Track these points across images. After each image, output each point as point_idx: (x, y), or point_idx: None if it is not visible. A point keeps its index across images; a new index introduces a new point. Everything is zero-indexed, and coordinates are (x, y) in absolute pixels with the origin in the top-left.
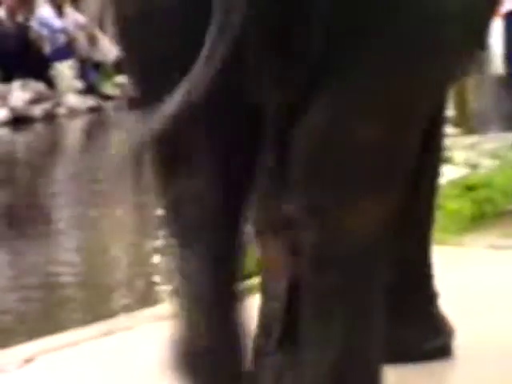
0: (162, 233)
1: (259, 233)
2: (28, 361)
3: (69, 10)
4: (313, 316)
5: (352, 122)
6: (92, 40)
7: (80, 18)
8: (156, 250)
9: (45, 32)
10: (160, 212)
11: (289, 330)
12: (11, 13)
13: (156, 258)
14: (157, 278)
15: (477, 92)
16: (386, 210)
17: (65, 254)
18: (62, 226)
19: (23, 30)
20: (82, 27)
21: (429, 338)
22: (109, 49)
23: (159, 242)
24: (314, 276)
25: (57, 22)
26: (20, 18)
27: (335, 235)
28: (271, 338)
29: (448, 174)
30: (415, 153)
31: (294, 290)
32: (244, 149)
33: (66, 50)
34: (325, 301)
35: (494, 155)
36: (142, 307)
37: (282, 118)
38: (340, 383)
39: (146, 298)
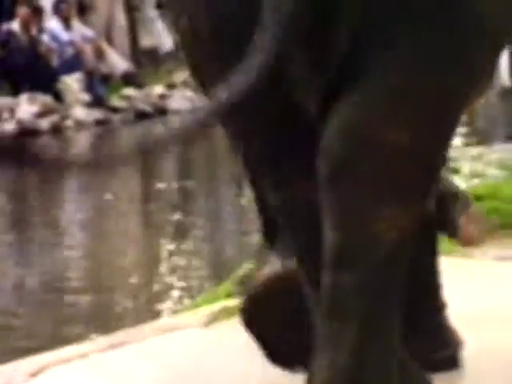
0: (170, 243)
1: None
2: (35, 374)
3: (76, 24)
4: (328, 316)
5: (380, 125)
6: (99, 53)
7: (87, 31)
8: (165, 261)
9: (53, 45)
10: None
11: None
12: (25, 25)
13: (165, 270)
14: (165, 290)
15: (483, 104)
16: (412, 218)
17: (73, 266)
18: (70, 237)
19: (34, 43)
20: (89, 40)
21: (437, 349)
22: (117, 62)
23: (168, 254)
24: (333, 276)
25: (64, 35)
26: (34, 31)
27: (358, 238)
28: None
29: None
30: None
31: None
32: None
33: (74, 63)
34: (341, 302)
35: (500, 165)
36: (150, 319)
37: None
38: None
39: (155, 311)
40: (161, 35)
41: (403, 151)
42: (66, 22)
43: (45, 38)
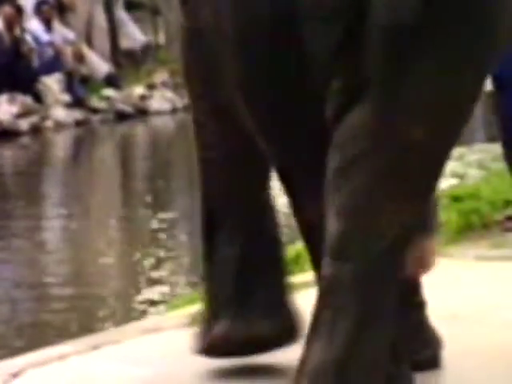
0: (151, 244)
1: None
2: (15, 375)
3: (57, 25)
4: (324, 306)
5: (395, 121)
6: (78, 56)
7: (68, 33)
8: (145, 263)
9: (33, 45)
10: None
11: None
12: (9, 25)
13: (145, 271)
14: (146, 292)
15: None
16: (414, 214)
17: (53, 268)
18: (49, 238)
19: (17, 43)
20: (69, 42)
21: (418, 349)
22: (97, 63)
23: (148, 255)
24: (332, 265)
25: (44, 36)
26: (17, 31)
27: (361, 230)
28: None
29: None
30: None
31: None
32: None
33: (54, 64)
34: (338, 292)
35: (480, 166)
36: (130, 321)
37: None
38: (342, 378)
39: (135, 312)
40: (134, 36)
41: (416, 147)
42: (48, 24)
43: (27, 37)
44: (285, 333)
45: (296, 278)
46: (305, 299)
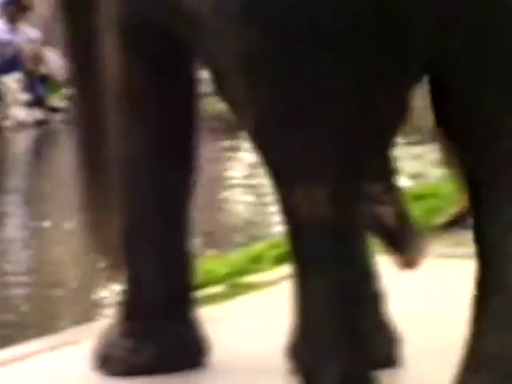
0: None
1: None
2: None
3: (22, 25)
4: None
5: None
6: (36, 56)
7: (33, 32)
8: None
9: None
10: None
11: None
12: None
13: (103, 273)
14: (104, 292)
15: (425, 103)
16: None
17: (13, 268)
18: (8, 240)
19: None
20: (32, 41)
21: (377, 347)
22: (56, 62)
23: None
24: None
25: (4, 35)
26: None
27: None
28: None
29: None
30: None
31: None
32: None
33: (13, 63)
34: None
35: (440, 164)
36: (88, 321)
37: None
38: None
39: (93, 312)
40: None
41: None
42: (13, 24)
43: None
44: (203, 351)
45: (257, 278)
46: (266, 298)
